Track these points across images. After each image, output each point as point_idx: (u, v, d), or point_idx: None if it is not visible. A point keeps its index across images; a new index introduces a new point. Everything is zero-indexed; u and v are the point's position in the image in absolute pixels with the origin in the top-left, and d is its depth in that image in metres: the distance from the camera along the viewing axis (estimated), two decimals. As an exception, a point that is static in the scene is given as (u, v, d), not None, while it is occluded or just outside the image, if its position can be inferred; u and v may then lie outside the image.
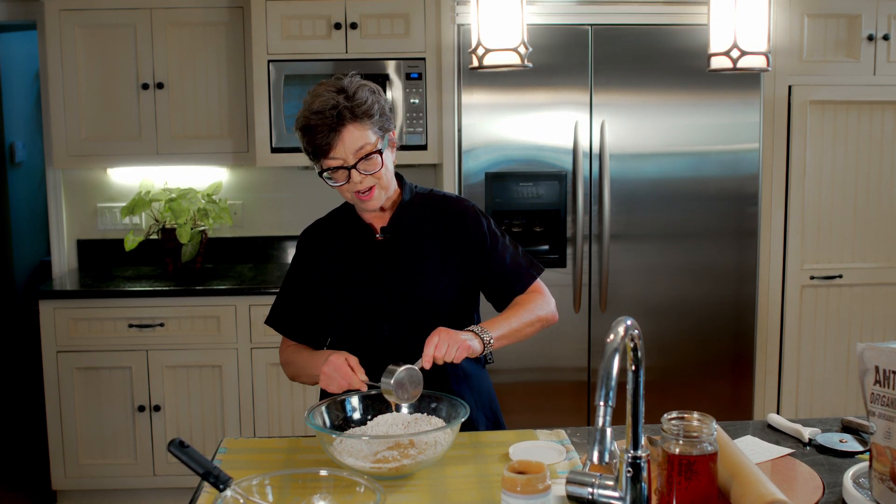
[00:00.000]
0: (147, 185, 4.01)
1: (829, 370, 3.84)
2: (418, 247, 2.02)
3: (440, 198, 2.09)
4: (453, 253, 2.02)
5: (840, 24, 3.68)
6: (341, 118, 1.86)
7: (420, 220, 2.04)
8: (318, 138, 1.87)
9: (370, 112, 1.89)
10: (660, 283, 3.62)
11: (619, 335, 1.36)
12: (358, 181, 1.90)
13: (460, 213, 2.05)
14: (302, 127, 1.90)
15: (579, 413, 3.63)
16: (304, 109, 1.90)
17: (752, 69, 1.86)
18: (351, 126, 1.87)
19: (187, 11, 3.73)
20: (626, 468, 1.37)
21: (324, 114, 1.86)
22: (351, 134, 1.87)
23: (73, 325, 3.56)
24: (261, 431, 3.65)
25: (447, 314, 2.01)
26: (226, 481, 1.49)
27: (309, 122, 1.88)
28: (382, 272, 2.01)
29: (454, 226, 2.04)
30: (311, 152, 1.92)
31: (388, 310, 2.00)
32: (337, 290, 2.03)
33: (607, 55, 3.51)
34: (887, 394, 1.46)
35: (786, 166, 3.74)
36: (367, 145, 1.89)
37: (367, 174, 1.90)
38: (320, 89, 1.90)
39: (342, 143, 1.87)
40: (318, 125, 1.86)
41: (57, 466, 3.63)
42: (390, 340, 2.00)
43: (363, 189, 1.92)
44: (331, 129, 1.86)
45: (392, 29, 3.64)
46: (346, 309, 2.03)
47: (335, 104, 1.86)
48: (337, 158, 1.88)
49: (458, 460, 1.78)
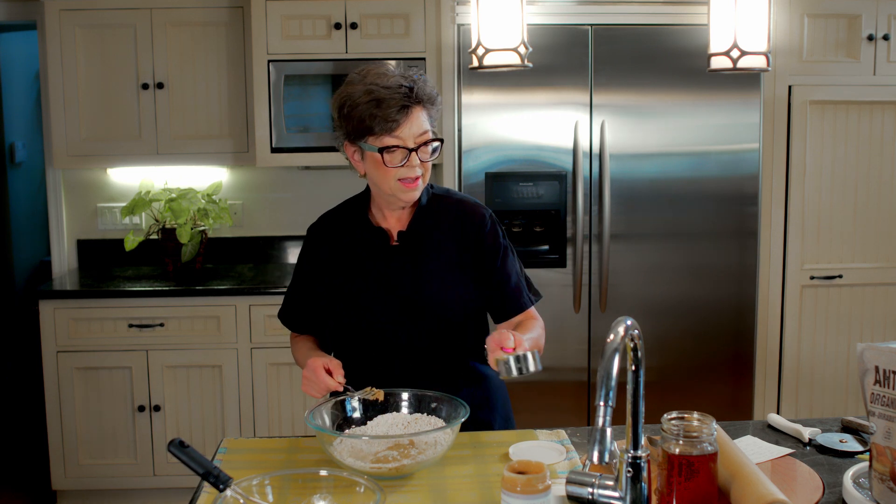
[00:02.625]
0: (147, 185, 4.01)
1: (829, 370, 3.84)
2: (434, 256, 1.98)
3: (457, 202, 2.04)
4: (467, 263, 1.98)
5: (840, 24, 3.68)
6: (412, 98, 1.83)
7: (436, 225, 2.00)
8: (389, 112, 1.81)
9: (433, 99, 1.88)
10: (660, 283, 3.62)
11: (619, 335, 1.36)
12: (416, 165, 1.86)
13: (477, 222, 2.00)
14: (368, 100, 1.82)
15: (579, 413, 3.63)
16: (369, 84, 1.84)
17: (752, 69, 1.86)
18: (419, 109, 1.85)
19: (187, 11, 3.73)
20: (626, 468, 1.37)
21: (396, 89, 1.82)
22: (418, 117, 1.85)
23: (73, 325, 3.56)
24: (261, 431, 3.65)
25: (461, 328, 2.00)
26: (226, 481, 1.49)
27: (378, 94, 1.82)
28: (397, 283, 1.97)
29: (470, 234, 1.99)
30: (366, 128, 1.84)
31: (403, 324, 1.97)
32: (349, 298, 2.00)
33: (607, 55, 3.51)
34: (887, 394, 1.46)
35: (786, 166, 3.74)
36: (427, 132, 1.86)
37: (423, 162, 1.87)
38: (380, 69, 1.87)
39: (409, 123, 1.83)
40: (389, 99, 1.81)
41: (57, 466, 3.63)
42: (404, 353, 1.99)
43: (412, 176, 1.87)
44: (402, 107, 1.82)
45: (392, 29, 3.64)
46: (357, 319, 2.00)
47: (409, 84, 1.83)
48: (399, 138, 1.84)
49: (458, 460, 1.78)
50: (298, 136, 3.69)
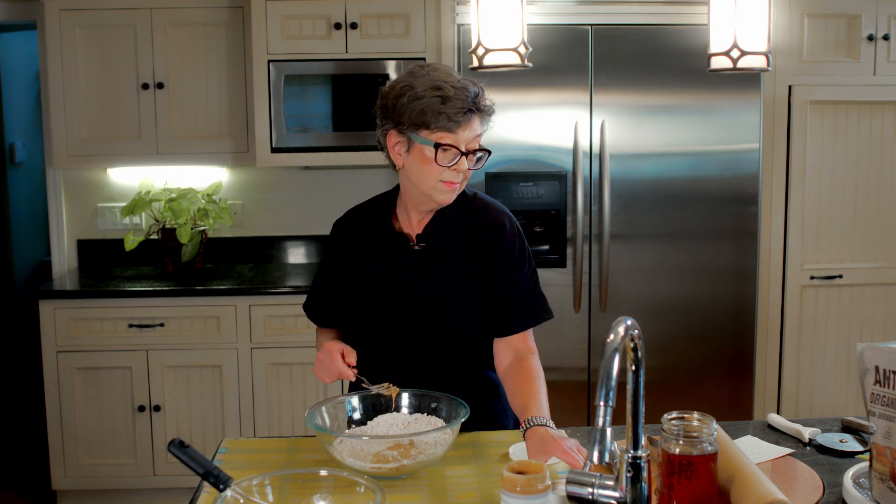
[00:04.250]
0: (147, 185, 4.01)
1: (829, 370, 3.84)
2: (452, 263, 1.96)
3: (481, 207, 2.01)
4: (484, 272, 1.97)
5: (840, 24, 3.68)
6: (477, 105, 1.85)
7: (457, 230, 1.98)
8: (453, 112, 1.82)
9: (490, 113, 1.90)
10: (660, 283, 3.62)
11: (619, 335, 1.36)
12: (464, 169, 1.87)
13: (497, 230, 1.98)
14: (435, 95, 1.82)
15: (579, 413, 3.63)
16: (436, 79, 1.84)
17: (752, 69, 1.86)
18: (478, 117, 1.86)
19: (187, 11, 3.72)
20: (626, 468, 1.37)
21: (464, 91, 1.83)
22: (476, 124, 1.86)
23: (73, 325, 3.56)
24: (261, 431, 3.65)
25: (475, 336, 1.99)
26: (226, 481, 1.49)
27: (446, 91, 1.82)
28: (413, 289, 1.97)
29: (489, 242, 1.97)
30: (426, 121, 1.83)
31: (417, 329, 1.97)
32: (365, 299, 2.00)
33: (607, 55, 3.51)
34: (887, 394, 1.46)
35: (786, 166, 3.74)
36: (478, 140, 1.89)
37: (471, 168, 1.88)
38: (449, 70, 1.88)
39: (469, 128, 1.85)
40: (456, 99, 1.82)
41: (57, 466, 3.63)
42: (417, 358, 1.99)
43: (456, 180, 1.88)
44: (467, 110, 1.83)
45: (392, 29, 3.64)
46: (373, 321, 2.00)
47: (476, 90, 1.85)
48: (456, 139, 1.84)
49: (458, 460, 1.78)
50: (298, 136, 3.69)
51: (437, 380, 1.97)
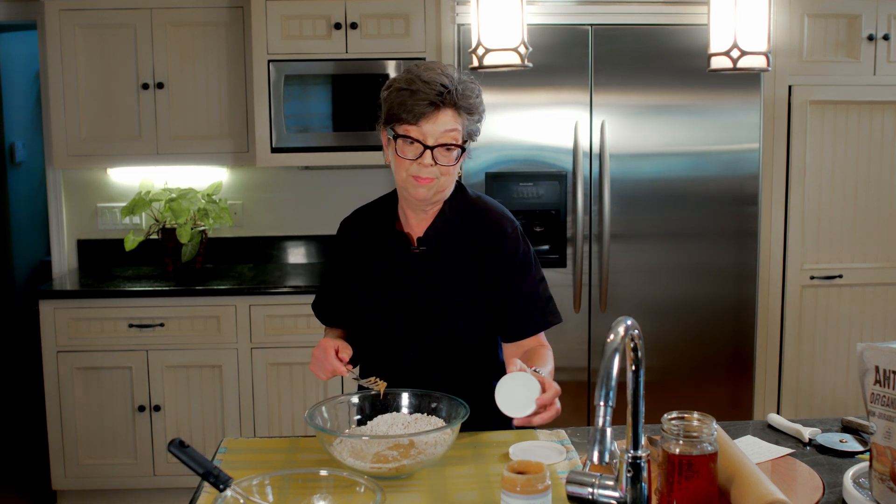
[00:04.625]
0: (147, 185, 4.01)
1: (829, 370, 3.84)
2: (452, 266, 1.96)
3: (484, 211, 1.99)
4: (485, 274, 1.96)
5: (840, 24, 3.68)
6: (445, 98, 1.82)
7: (458, 234, 1.97)
8: (416, 104, 1.81)
9: (471, 110, 1.87)
10: (660, 283, 3.62)
11: (619, 335, 1.36)
12: (427, 164, 1.84)
13: (498, 234, 1.97)
14: (402, 88, 1.83)
15: (579, 413, 3.63)
16: (411, 74, 1.85)
17: (752, 69, 1.86)
18: (449, 111, 1.83)
19: (187, 11, 3.73)
20: (626, 468, 1.37)
21: (432, 85, 1.82)
22: (445, 118, 1.83)
23: (74, 325, 3.56)
24: (261, 431, 3.65)
25: (474, 339, 1.99)
26: (226, 481, 1.49)
27: (413, 84, 1.82)
28: (413, 291, 1.97)
29: (490, 247, 1.96)
30: (394, 115, 1.85)
31: (416, 332, 1.98)
32: (367, 299, 2.00)
33: (607, 55, 3.51)
34: (887, 394, 1.46)
35: (786, 166, 3.74)
36: (451, 134, 1.84)
37: (438, 164, 1.85)
38: (433, 65, 1.88)
39: (433, 121, 1.82)
40: (421, 91, 1.81)
41: (57, 466, 3.63)
42: (417, 360, 1.99)
43: (423, 175, 1.86)
44: (431, 103, 1.81)
45: (392, 29, 3.64)
46: (373, 321, 2.00)
47: (447, 84, 1.83)
48: (420, 132, 1.83)
49: (458, 460, 1.78)
50: (298, 136, 3.69)
51: (437, 379, 1.97)
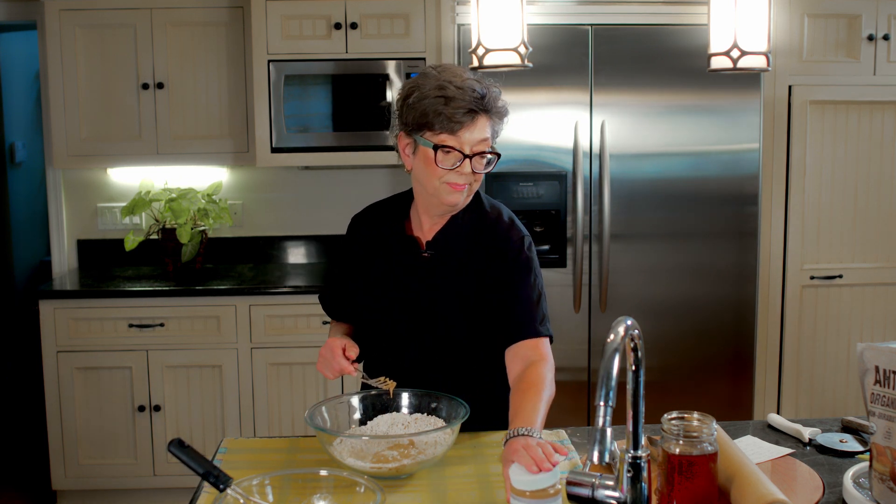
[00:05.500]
0: (147, 185, 4.01)
1: (829, 370, 3.84)
2: (459, 273, 1.95)
3: (495, 220, 1.97)
4: (486, 278, 1.94)
5: (840, 24, 3.68)
6: (483, 105, 1.79)
7: (467, 241, 1.95)
8: (455, 112, 1.77)
9: (501, 115, 1.84)
10: (660, 283, 3.62)
11: (619, 335, 1.36)
12: (467, 172, 1.81)
13: (504, 242, 1.95)
14: (437, 95, 1.78)
15: (579, 413, 3.63)
16: (443, 80, 1.80)
17: (752, 69, 1.86)
18: (485, 117, 1.81)
19: (187, 11, 3.72)
20: (626, 468, 1.37)
21: (469, 91, 1.78)
22: (482, 125, 1.80)
23: (73, 325, 3.56)
24: (261, 431, 3.65)
25: (476, 336, 1.98)
26: (226, 481, 1.49)
27: (449, 92, 1.78)
28: (418, 295, 1.96)
29: (495, 255, 1.94)
30: (427, 123, 1.80)
31: (419, 335, 1.98)
32: (371, 299, 2.00)
33: (607, 55, 3.51)
34: (887, 394, 1.46)
35: (786, 166, 3.74)
36: (486, 142, 1.82)
37: (476, 171, 1.83)
38: (455, 69, 1.83)
39: (472, 129, 1.79)
40: (458, 99, 1.77)
41: (57, 466, 3.63)
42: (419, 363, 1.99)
43: (461, 181, 1.83)
44: (469, 110, 1.78)
45: (392, 29, 3.64)
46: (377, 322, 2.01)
47: (482, 90, 1.80)
48: (458, 141, 1.79)
49: (458, 460, 1.78)
50: (298, 136, 3.69)
51: (437, 379, 1.96)
